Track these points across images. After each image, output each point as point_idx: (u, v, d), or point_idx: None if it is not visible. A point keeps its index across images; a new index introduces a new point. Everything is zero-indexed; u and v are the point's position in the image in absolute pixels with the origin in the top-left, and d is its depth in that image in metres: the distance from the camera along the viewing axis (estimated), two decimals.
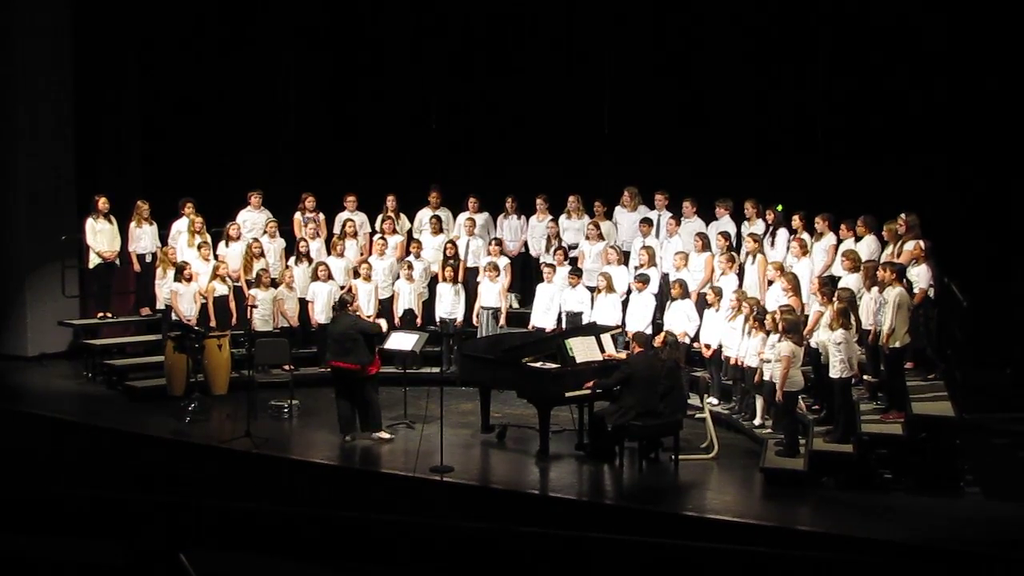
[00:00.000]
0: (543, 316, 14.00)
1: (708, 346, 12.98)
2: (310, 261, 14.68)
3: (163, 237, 15.03)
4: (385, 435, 12.15)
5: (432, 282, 14.84)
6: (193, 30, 16.91)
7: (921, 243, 11.91)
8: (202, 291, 14.10)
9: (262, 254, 14.64)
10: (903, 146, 14.44)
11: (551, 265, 14.20)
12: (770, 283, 12.69)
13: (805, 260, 12.83)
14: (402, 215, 15.57)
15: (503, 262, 14.60)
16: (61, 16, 15.65)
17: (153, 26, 16.76)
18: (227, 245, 14.81)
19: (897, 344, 11.20)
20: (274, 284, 14.39)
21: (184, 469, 11.78)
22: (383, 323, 12.87)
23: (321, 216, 15.45)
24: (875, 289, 11.52)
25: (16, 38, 15.29)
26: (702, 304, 13.16)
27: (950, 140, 14.17)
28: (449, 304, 14.49)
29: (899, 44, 14.46)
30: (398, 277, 14.63)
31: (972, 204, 14.04)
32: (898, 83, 14.52)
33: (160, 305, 14.58)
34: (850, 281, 11.98)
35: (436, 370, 14.30)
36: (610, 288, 13.60)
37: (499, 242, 14.85)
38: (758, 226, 13.79)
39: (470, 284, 14.72)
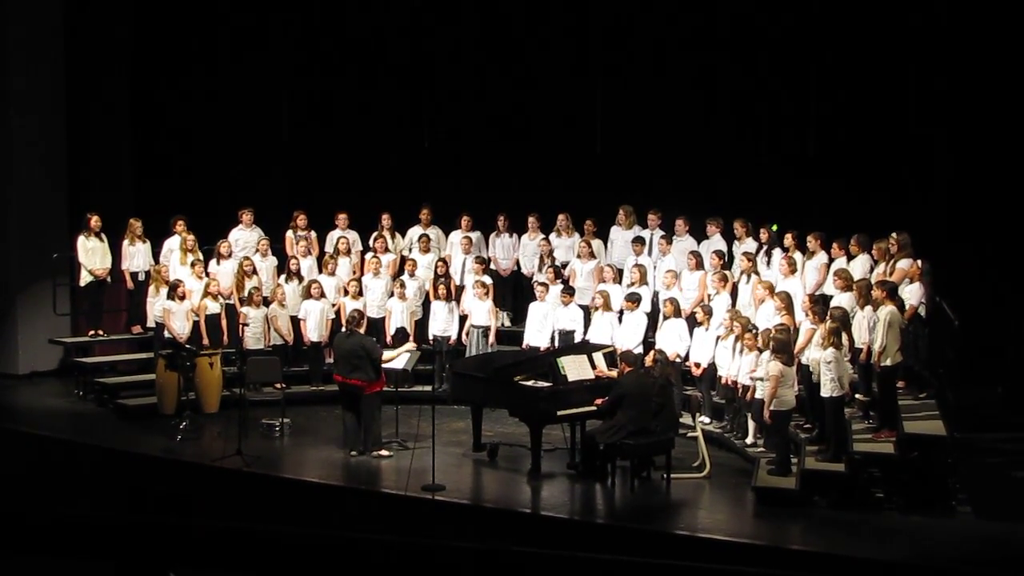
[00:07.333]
0: (536, 335, 13.99)
1: (698, 364, 12.99)
2: (301, 279, 14.67)
3: (155, 255, 15.02)
4: (384, 452, 12.16)
5: (425, 300, 14.83)
6: (186, 49, 16.91)
7: (917, 263, 11.95)
8: (194, 309, 14.08)
9: (254, 272, 14.61)
10: (894, 164, 14.47)
11: (544, 283, 14.19)
12: (761, 302, 12.69)
13: (793, 279, 12.83)
14: (396, 233, 15.58)
15: (486, 281, 14.58)
16: (52, 32, 15.65)
17: (145, 44, 16.77)
18: (218, 263, 14.77)
19: (889, 362, 11.19)
20: (266, 302, 14.39)
21: (175, 488, 11.75)
22: (409, 347, 12.77)
23: (313, 234, 15.43)
24: (868, 308, 11.54)
25: (7, 54, 15.29)
26: (694, 323, 13.17)
27: (940, 157, 14.20)
28: (443, 322, 14.47)
29: (894, 55, 14.49)
30: (391, 295, 14.62)
31: (964, 223, 14.06)
32: (893, 98, 14.57)
33: (152, 323, 14.54)
34: (843, 300, 12.00)
35: (428, 388, 14.28)
36: (607, 306, 13.58)
37: (485, 261, 14.85)
38: (749, 245, 13.81)
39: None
